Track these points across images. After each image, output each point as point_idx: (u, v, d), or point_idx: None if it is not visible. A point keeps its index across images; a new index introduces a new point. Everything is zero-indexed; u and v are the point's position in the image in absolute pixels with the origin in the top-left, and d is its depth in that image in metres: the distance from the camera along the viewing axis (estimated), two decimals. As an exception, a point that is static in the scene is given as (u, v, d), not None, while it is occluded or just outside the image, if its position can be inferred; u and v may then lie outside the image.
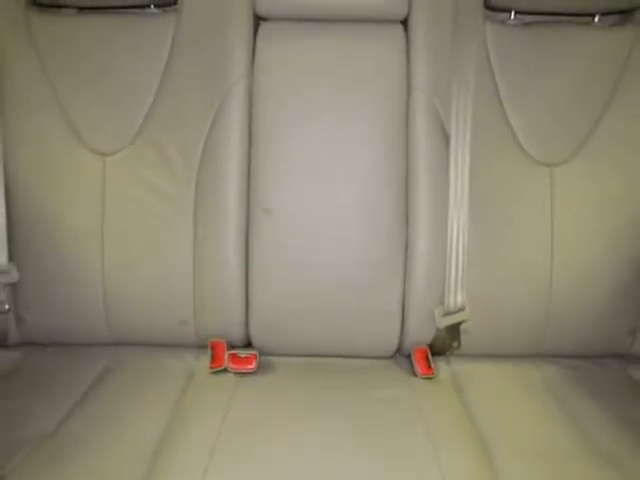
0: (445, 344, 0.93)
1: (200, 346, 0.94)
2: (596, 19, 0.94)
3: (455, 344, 0.92)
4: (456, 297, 0.89)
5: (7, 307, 0.92)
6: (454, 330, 0.92)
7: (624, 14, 0.95)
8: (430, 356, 0.92)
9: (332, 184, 0.91)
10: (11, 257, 0.91)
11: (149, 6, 0.95)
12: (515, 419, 0.82)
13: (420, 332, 0.93)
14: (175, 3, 0.93)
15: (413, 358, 0.92)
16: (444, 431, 0.77)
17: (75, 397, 0.85)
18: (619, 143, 0.92)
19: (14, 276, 0.91)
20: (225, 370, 0.88)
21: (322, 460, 0.70)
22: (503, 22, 0.94)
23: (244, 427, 0.76)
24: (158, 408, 0.82)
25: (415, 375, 0.90)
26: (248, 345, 0.95)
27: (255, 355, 0.89)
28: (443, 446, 0.73)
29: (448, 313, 0.90)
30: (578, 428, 0.80)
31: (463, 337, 0.92)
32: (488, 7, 0.92)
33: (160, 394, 0.85)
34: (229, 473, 0.68)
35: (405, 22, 0.93)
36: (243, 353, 0.90)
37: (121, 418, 0.80)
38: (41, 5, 0.94)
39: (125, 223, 0.93)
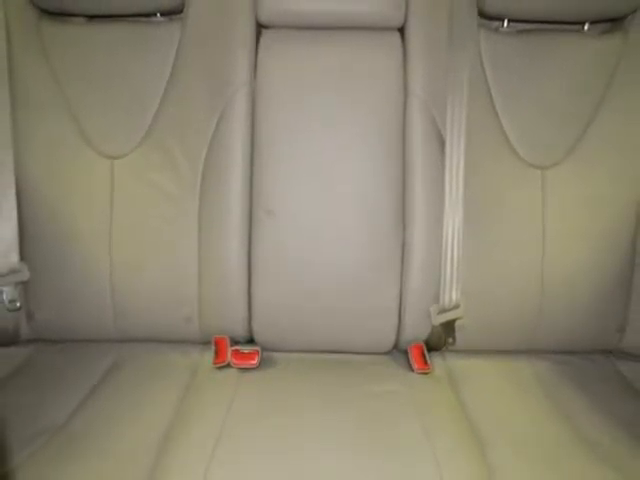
0: (441, 340, 0.92)
1: (204, 342, 0.94)
2: (586, 27, 0.94)
3: (450, 340, 0.92)
4: (451, 295, 0.89)
5: (18, 305, 0.91)
6: (449, 327, 0.91)
7: (613, 22, 0.95)
8: (426, 352, 0.92)
9: (332, 186, 0.91)
10: (22, 256, 0.91)
11: (155, 14, 0.95)
12: (508, 413, 0.82)
13: (416, 329, 0.92)
14: (180, 12, 0.93)
15: (410, 354, 0.91)
16: (440, 425, 0.77)
17: (83, 392, 0.85)
18: (609, 146, 0.92)
19: (25, 275, 0.91)
20: (228, 365, 0.88)
21: (322, 455, 0.70)
22: (497, 30, 0.94)
23: (246, 421, 0.76)
24: (163, 403, 0.82)
25: (412, 370, 0.90)
26: (251, 341, 0.95)
27: (257, 351, 0.89)
28: (439, 439, 0.73)
29: (443, 310, 0.89)
30: (570, 423, 0.80)
31: (458, 333, 0.92)
32: (482, 15, 0.92)
33: (165, 389, 0.85)
34: (231, 467, 0.68)
35: (402, 30, 0.92)
36: (246, 349, 0.89)
37: (127, 413, 0.80)
38: (51, 14, 0.94)
39: (132, 223, 0.93)
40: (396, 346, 0.94)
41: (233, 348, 0.89)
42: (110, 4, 0.92)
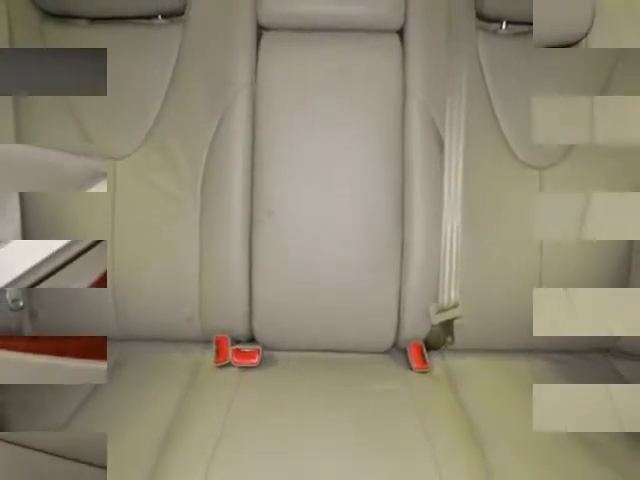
0: (439, 339, 0.91)
1: (205, 341, 0.93)
2: (583, 29, 0.92)
3: (449, 339, 0.91)
4: (450, 294, 0.88)
5: (21, 304, 0.91)
6: (448, 326, 0.90)
7: (610, 24, 0.92)
8: (425, 351, 0.90)
9: (332, 187, 0.89)
10: None
11: (157, 17, 0.93)
12: (507, 413, 0.81)
13: (416, 328, 0.91)
14: (181, 14, 0.92)
15: (409, 353, 0.90)
16: (439, 423, 0.75)
17: (85, 391, 0.83)
18: (605, 147, 0.89)
19: None
20: (229, 364, 0.87)
21: (322, 455, 0.69)
22: (495, 32, 0.93)
23: (247, 421, 0.74)
24: (164, 402, 0.81)
25: (411, 369, 0.88)
26: (252, 340, 0.93)
27: (258, 350, 0.87)
28: (439, 439, 0.71)
29: (442, 310, 0.88)
30: None
31: (457, 333, 0.91)
32: (480, 17, 0.91)
33: (166, 388, 0.84)
34: (232, 467, 0.67)
35: (401, 32, 0.91)
36: (247, 348, 0.88)
37: (129, 412, 0.78)
38: (54, 16, 0.93)
39: (133, 223, 0.91)
40: (395, 345, 0.93)
41: (234, 347, 0.88)
42: (112, 6, 0.91)
